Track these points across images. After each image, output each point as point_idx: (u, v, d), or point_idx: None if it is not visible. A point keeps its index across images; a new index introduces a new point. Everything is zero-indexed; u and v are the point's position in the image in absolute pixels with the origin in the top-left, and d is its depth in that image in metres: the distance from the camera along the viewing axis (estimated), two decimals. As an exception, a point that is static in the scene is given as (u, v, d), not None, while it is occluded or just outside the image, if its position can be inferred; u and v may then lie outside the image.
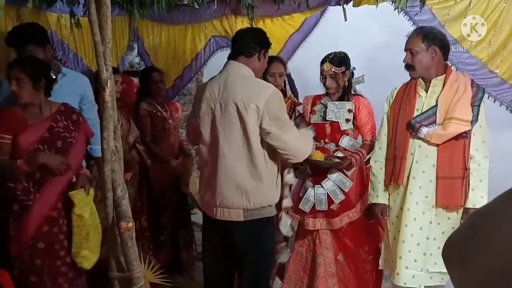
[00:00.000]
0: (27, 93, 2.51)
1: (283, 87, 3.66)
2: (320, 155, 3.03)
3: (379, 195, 2.82)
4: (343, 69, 3.08)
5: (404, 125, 2.68)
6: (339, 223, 3.06)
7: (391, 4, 3.44)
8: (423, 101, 2.68)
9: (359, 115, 3.11)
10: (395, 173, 2.70)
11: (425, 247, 2.65)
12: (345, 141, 3.11)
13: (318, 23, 4.29)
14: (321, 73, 3.11)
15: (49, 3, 3.12)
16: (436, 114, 2.60)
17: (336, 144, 3.12)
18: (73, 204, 2.55)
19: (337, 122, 3.10)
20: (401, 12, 3.57)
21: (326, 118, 3.10)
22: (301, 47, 4.44)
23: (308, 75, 3.51)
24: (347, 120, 3.09)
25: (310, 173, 3.08)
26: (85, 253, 2.60)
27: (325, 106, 3.12)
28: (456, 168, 2.59)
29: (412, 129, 2.65)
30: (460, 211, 2.63)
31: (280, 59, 3.70)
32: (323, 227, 3.07)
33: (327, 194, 3.04)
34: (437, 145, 2.61)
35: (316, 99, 3.20)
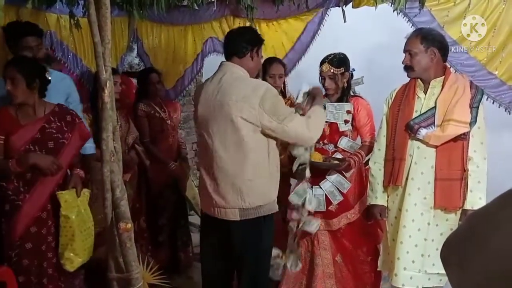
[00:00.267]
0: (21, 93, 2.52)
1: (283, 89, 3.67)
2: (319, 157, 3.03)
3: (378, 197, 2.82)
4: (342, 70, 3.08)
5: (403, 127, 2.68)
6: (337, 224, 3.07)
7: (390, 6, 3.45)
8: (422, 103, 2.68)
9: (358, 117, 3.11)
10: (394, 175, 2.69)
11: (423, 248, 2.65)
12: (344, 142, 3.11)
13: (320, 27, 4.26)
14: (320, 74, 3.12)
15: (49, 4, 3.12)
16: (435, 116, 2.60)
17: (335, 145, 3.12)
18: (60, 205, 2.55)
19: (336, 123, 3.11)
20: (400, 14, 3.58)
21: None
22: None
23: (308, 76, 3.50)
24: (346, 122, 3.10)
25: (310, 176, 3.08)
26: (69, 255, 2.59)
27: (324, 107, 3.13)
28: (455, 170, 2.58)
29: (411, 131, 2.64)
30: (459, 213, 2.63)
31: (280, 61, 3.70)
32: (322, 228, 3.07)
33: (325, 195, 3.04)
34: (436, 147, 2.61)
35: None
